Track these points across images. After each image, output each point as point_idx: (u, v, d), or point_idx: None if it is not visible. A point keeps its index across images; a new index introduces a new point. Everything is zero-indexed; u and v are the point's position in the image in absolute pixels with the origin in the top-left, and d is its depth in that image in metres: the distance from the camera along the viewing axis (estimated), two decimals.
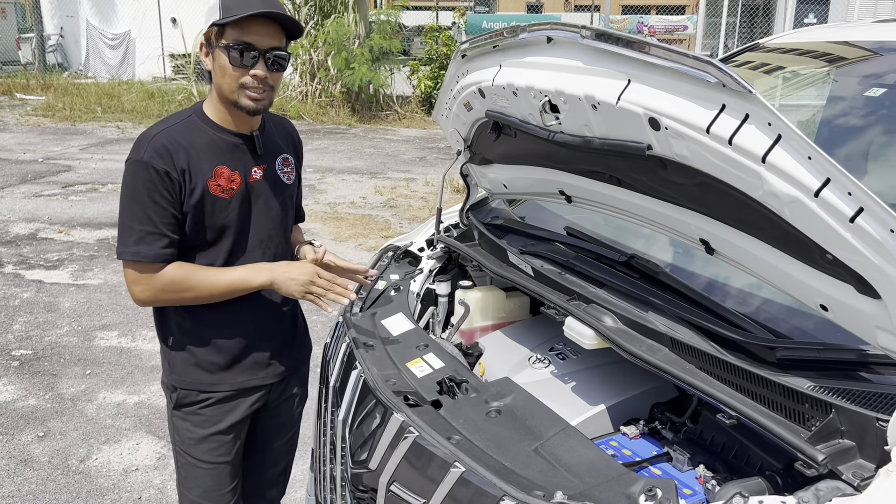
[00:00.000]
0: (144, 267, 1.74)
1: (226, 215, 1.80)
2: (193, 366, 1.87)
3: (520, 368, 1.92)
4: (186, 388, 1.88)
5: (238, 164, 1.82)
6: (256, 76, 1.72)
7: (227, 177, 1.79)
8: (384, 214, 7.18)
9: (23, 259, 5.75)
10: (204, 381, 1.88)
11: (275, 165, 1.91)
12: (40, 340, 4.32)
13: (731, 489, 1.30)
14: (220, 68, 1.74)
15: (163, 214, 1.72)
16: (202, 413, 1.89)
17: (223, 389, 1.89)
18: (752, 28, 18.03)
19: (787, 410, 1.32)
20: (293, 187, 1.99)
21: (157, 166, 1.70)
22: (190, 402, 1.89)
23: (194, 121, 1.81)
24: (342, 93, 13.54)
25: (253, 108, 1.76)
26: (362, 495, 1.64)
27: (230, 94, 1.74)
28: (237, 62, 1.71)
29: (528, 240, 2.16)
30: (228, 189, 1.79)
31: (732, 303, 1.66)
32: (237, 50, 1.70)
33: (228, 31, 1.70)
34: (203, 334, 1.86)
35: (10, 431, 3.36)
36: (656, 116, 1.35)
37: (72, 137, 11.14)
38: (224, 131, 1.82)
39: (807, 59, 2.65)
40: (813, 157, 1.12)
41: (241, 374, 1.90)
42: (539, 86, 1.64)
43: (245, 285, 1.80)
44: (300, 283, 1.78)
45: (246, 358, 1.90)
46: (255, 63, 1.71)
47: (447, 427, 1.52)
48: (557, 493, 1.27)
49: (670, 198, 1.55)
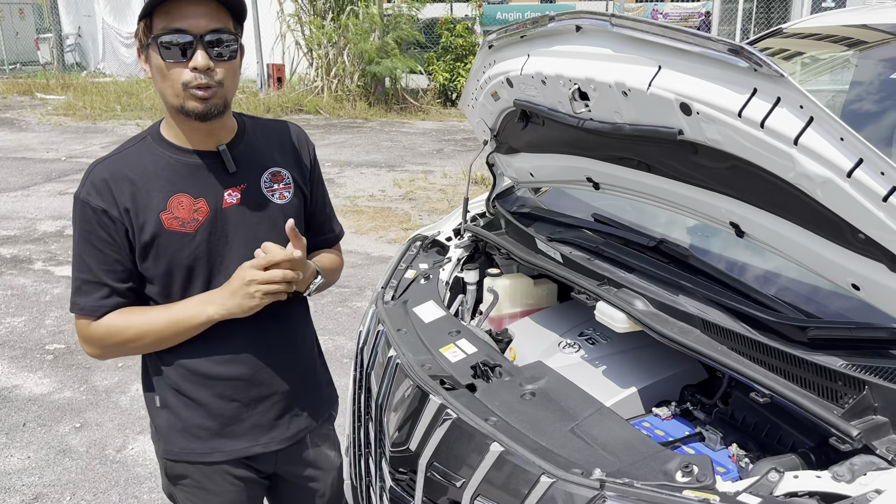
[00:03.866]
0: (85, 319, 1.51)
1: (191, 252, 1.51)
2: (181, 432, 1.62)
3: (550, 353, 1.96)
4: (178, 461, 1.64)
5: (203, 189, 1.52)
6: (197, 68, 1.39)
7: (187, 206, 1.50)
8: (403, 207, 7.22)
9: (51, 256, 5.86)
10: (195, 449, 1.63)
11: (259, 184, 1.59)
12: (72, 335, 4.40)
13: (766, 465, 1.33)
14: (156, 70, 1.43)
15: (102, 260, 1.47)
16: (202, 484, 1.66)
17: (217, 460, 1.63)
18: (769, 13, 17.84)
19: (820, 388, 1.35)
20: (290, 207, 1.64)
21: (94, 204, 1.46)
22: (180, 473, 1.66)
23: (148, 144, 1.53)
24: (359, 86, 13.58)
25: (202, 111, 1.42)
26: (402, 476, 1.69)
27: (174, 98, 1.43)
28: (170, 55, 1.39)
29: (556, 227, 2.18)
30: (190, 221, 1.50)
31: (761, 284, 1.68)
32: (167, 39, 1.38)
33: (156, 21, 1.39)
34: (190, 392, 1.60)
35: (48, 423, 3.45)
36: (688, 101, 1.37)
37: (93, 136, 11.27)
38: (182, 151, 1.52)
39: (828, 43, 2.65)
40: (845, 139, 1.15)
41: (239, 440, 1.64)
42: (568, 74, 1.66)
43: (191, 322, 1.51)
44: (247, 292, 1.46)
45: (245, 420, 1.64)
46: (193, 53, 1.39)
47: (484, 409, 1.55)
48: (596, 471, 1.31)
49: (701, 182, 1.58)
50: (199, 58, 1.39)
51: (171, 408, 1.62)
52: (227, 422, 1.62)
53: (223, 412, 1.62)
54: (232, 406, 1.62)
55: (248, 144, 1.61)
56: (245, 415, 1.63)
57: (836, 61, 2.69)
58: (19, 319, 4.64)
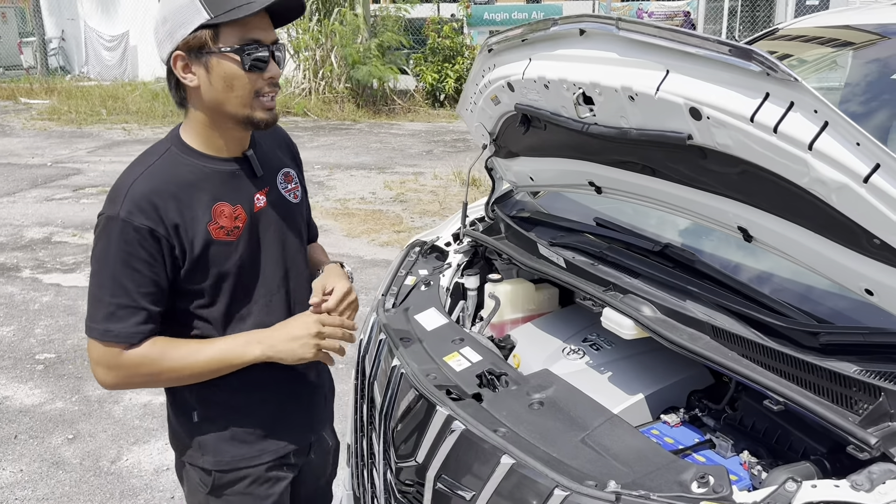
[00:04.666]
0: (113, 346, 1.42)
1: (236, 260, 1.51)
2: (229, 440, 1.60)
3: (554, 360, 1.94)
4: (227, 470, 1.61)
5: (238, 196, 1.52)
6: (273, 78, 1.44)
7: (228, 215, 1.49)
8: (395, 209, 7.19)
9: (39, 263, 5.78)
10: (245, 454, 1.61)
11: (277, 185, 1.62)
12: (63, 343, 4.35)
13: (782, 474, 1.31)
14: (223, 79, 1.41)
15: (140, 282, 1.41)
16: (250, 492, 1.63)
17: (266, 461, 1.64)
18: (753, 12, 17.93)
19: (833, 395, 1.33)
20: (302, 205, 1.70)
21: (138, 223, 1.39)
22: (229, 481, 1.62)
23: (176, 155, 1.49)
24: (347, 88, 13.53)
25: (271, 119, 1.48)
26: (407, 489, 1.66)
27: (241, 109, 1.44)
28: (252, 66, 1.40)
29: (557, 231, 2.16)
30: (233, 229, 1.50)
31: (769, 289, 1.66)
32: (253, 50, 1.40)
33: (227, 31, 1.39)
34: (234, 400, 1.59)
35: (41, 434, 3.40)
36: (697, 106, 1.35)
37: (79, 140, 11.17)
38: (212, 159, 1.51)
39: (828, 43, 2.64)
40: (861, 143, 1.13)
41: (284, 436, 1.67)
42: (572, 78, 1.64)
43: (234, 361, 1.49)
44: (306, 343, 1.50)
45: (286, 417, 1.67)
46: (267, 63, 1.43)
47: (492, 419, 1.53)
48: (610, 483, 1.28)
49: (709, 186, 1.56)
50: (273, 68, 1.44)
51: (214, 420, 1.59)
52: (272, 422, 1.64)
53: (267, 413, 1.63)
54: (273, 406, 1.64)
55: (262, 149, 1.62)
56: (286, 412, 1.66)
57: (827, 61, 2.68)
58: (8, 329, 4.57)
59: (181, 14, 1.38)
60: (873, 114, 2.31)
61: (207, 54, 1.40)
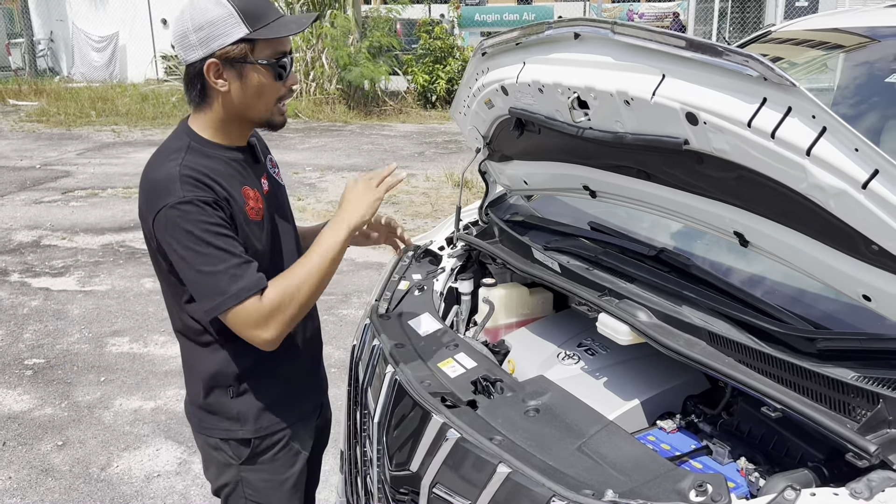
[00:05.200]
0: (251, 300, 1.50)
1: (261, 240, 1.63)
2: (266, 408, 1.72)
3: (550, 365, 1.92)
4: (264, 436, 1.72)
5: (253, 181, 1.66)
6: (293, 85, 1.61)
7: (253, 197, 1.62)
8: (387, 211, 7.16)
9: (28, 267, 5.73)
10: (282, 419, 1.74)
11: (270, 171, 1.77)
12: (52, 349, 4.31)
13: (780, 482, 1.30)
14: (254, 87, 1.54)
15: (235, 243, 1.52)
16: (279, 458, 1.76)
17: (294, 420, 1.77)
18: (743, 13, 18.01)
19: (831, 401, 1.32)
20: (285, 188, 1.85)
21: (203, 198, 1.49)
22: (265, 447, 1.74)
23: (199, 149, 1.59)
24: (338, 89, 13.50)
25: (285, 122, 1.66)
26: (402, 497, 1.64)
27: (264, 113, 1.59)
28: (282, 76, 1.57)
29: (551, 235, 2.15)
30: (258, 209, 1.63)
31: (766, 294, 1.66)
32: (283, 63, 1.56)
33: (263, 45, 1.52)
34: (264, 369, 1.71)
35: (30, 441, 3.36)
36: (694, 111, 1.34)
37: (68, 142, 11.09)
38: (229, 150, 1.63)
39: (819, 46, 2.64)
40: (860, 149, 1.12)
41: (307, 397, 1.84)
42: (567, 82, 1.63)
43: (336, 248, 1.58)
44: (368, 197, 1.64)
45: (310, 377, 1.85)
46: (289, 73, 1.59)
47: (487, 427, 1.51)
48: (608, 492, 1.27)
49: (704, 191, 1.55)
50: (293, 76, 1.60)
51: (251, 390, 1.70)
52: (300, 382, 1.81)
53: (298, 375, 1.79)
54: (302, 367, 1.81)
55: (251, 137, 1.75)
56: (309, 371, 1.84)
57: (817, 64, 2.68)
58: None
59: (220, 26, 1.48)
60: (863, 116, 2.31)
61: (242, 64, 1.52)
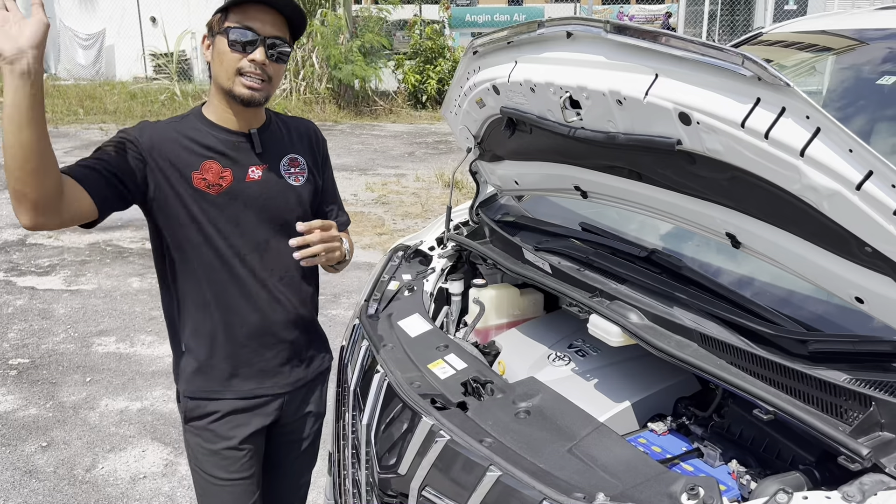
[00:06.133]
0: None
1: (213, 213, 1.75)
2: (198, 372, 1.83)
3: (540, 366, 1.91)
4: (193, 398, 1.85)
5: (231, 163, 1.78)
6: (254, 60, 1.69)
7: (215, 172, 1.75)
8: (377, 211, 7.14)
9: (13, 266, 5.67)
10: (210, 389, 1.84)
11: (279, 166, 1.85)
12: (37, 348, 4.26)
13: (772, 485, 1.29)
14: (218, 55, 1.72)
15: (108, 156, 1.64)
16: (212, 428, 1.84)
17: (229, 397, 1.84)
18: (732, 16, 18.10)
19: (823, 404, 1.31)
20: (303, 189, 1.89)
21: (129, 135, 1.70)
22: (198, 415, 1.85)
23: (191, 119, 1.80)
24: (328, 88, 13.46)
25: (248, 97, 1.72)
26: (390, 500, 1.62)
27: (226, 81, 1.72)
28: (236, 46, 1.69)
29: (542, 236, 2.14)
30: (215, 185, 1.75)
31: (757, 295, 1.65)
32: (237, 32, 1.68)
33: (231, 16, 1.70)
34: (209, 335, 1.82)
35: (13, 442, 3.31)
36: (687, 111, 1.33)
37: (55, 140, 10.79)
38: (220, 129, 1.79)
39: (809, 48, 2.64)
40: (854, 150, 1.12)
41: (248, 381, 1.85)
42: (559, 81, 1.62)
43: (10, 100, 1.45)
44: None
45: (254, 364, 1.85)
46: (255, 49, 1.69)
47: (477, 429, 1.50)
48: (599, 495, 1.26)
49: (696, 192, 1.54)
50: (258, 53, 1.69)
51: (192, 351, 1.84)
52: (239, 364, 1.84)
53: (236, 355, 1.83)
54: (244, 350, 1.84)
55: (273, 133, 1.87)
56: (255, 359, 1.85)
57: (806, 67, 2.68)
58: None
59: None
60: (851, 119, 2.31)
61: (215, 33, 1.72)
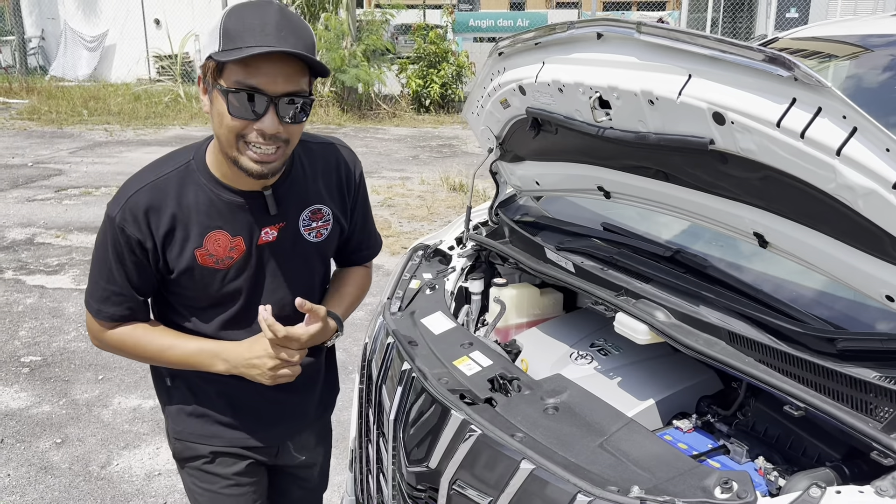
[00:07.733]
0: (103, 322, 1.57)
1: (222, 287, 1.54)
2: (188, 415, 1.70)
3: (563, 364, 1.93)
4: (182, 440, 1.72)
5: (241, 228, 1.51)
6: (262, 132, 1.34)
7: (223, 245, 1.50)
8: (383, 214, 7.16)
9: (22, 265, 5.68)
10: (201, 432, 1.70)
11: (298, 221, 1.59)
12: (48, 346, 4.27)
13: (803, 480, 1.31)
14: (217, 115, 1.36)
15: (130, 277, 1.51)
16: (206, 469, 1.73)
17: (217, 445, 1.71)
18: (734, 23, 18.16)
19: (853, 401, 1.33)
20: (326, 245, 1.68)
21: (129, 233, 1.44)
22: (189, 457, 1.73)
23: (191, 173, 1.48)
24: (332, 92, 13.49)
25: (257, 172, 1.39)
26: (419, 494, 1.64)
27: (228, 149, 1.38)
28: (238, 111, 1.32)
29: (563, 235, 2.16)
30: (224, 259, 1.51)
31: (783, 294, 1.67)
32: (238, 97, 1.31)
33: (230, 68, 1.31)
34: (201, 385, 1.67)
35: (28, 439, 3.33)
36: (721, 111, 1.35)
37: (60, 141, 11.01)
38: (226, 189, 1.48)
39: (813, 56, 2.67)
40: (891, 149, 1.13)
41: (237, 431, 1.71)
42: (589, 82, 1.64)
43: (200, 368, 1.58)
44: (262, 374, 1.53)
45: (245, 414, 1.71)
46: (264, 114, 1.33)
47: (507, 424, 1.51)
48: (634, 488, 1.27)
49: (726, 192, 1.56)
50: (267, 122, 1.33)
51: (181, 389, 1.69)
52: (230, 412, 1.69)
53: (225, 403, 1.69)
54: (233, 399, 1.68)
55: (293, 181, 1.58)
56: (245, 410, 1.70)
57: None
58: None
59: (210, 37, 1.35)
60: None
61: (211, 86, 1.37)
